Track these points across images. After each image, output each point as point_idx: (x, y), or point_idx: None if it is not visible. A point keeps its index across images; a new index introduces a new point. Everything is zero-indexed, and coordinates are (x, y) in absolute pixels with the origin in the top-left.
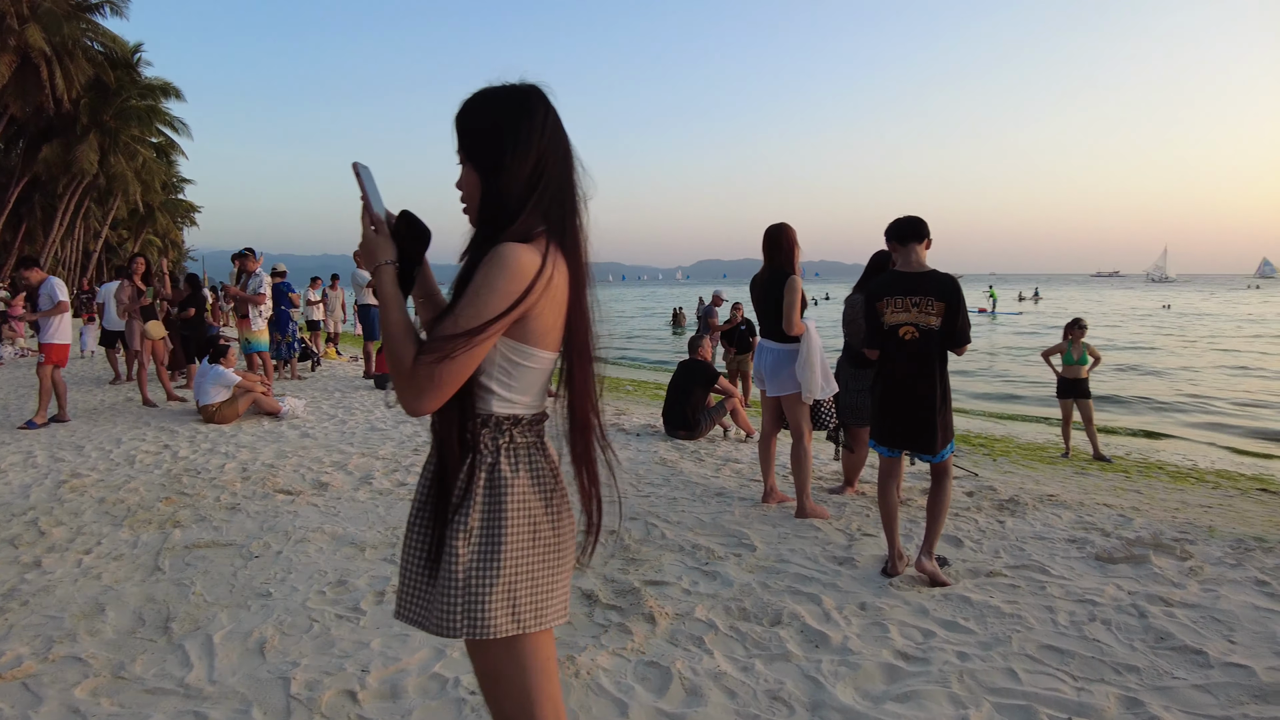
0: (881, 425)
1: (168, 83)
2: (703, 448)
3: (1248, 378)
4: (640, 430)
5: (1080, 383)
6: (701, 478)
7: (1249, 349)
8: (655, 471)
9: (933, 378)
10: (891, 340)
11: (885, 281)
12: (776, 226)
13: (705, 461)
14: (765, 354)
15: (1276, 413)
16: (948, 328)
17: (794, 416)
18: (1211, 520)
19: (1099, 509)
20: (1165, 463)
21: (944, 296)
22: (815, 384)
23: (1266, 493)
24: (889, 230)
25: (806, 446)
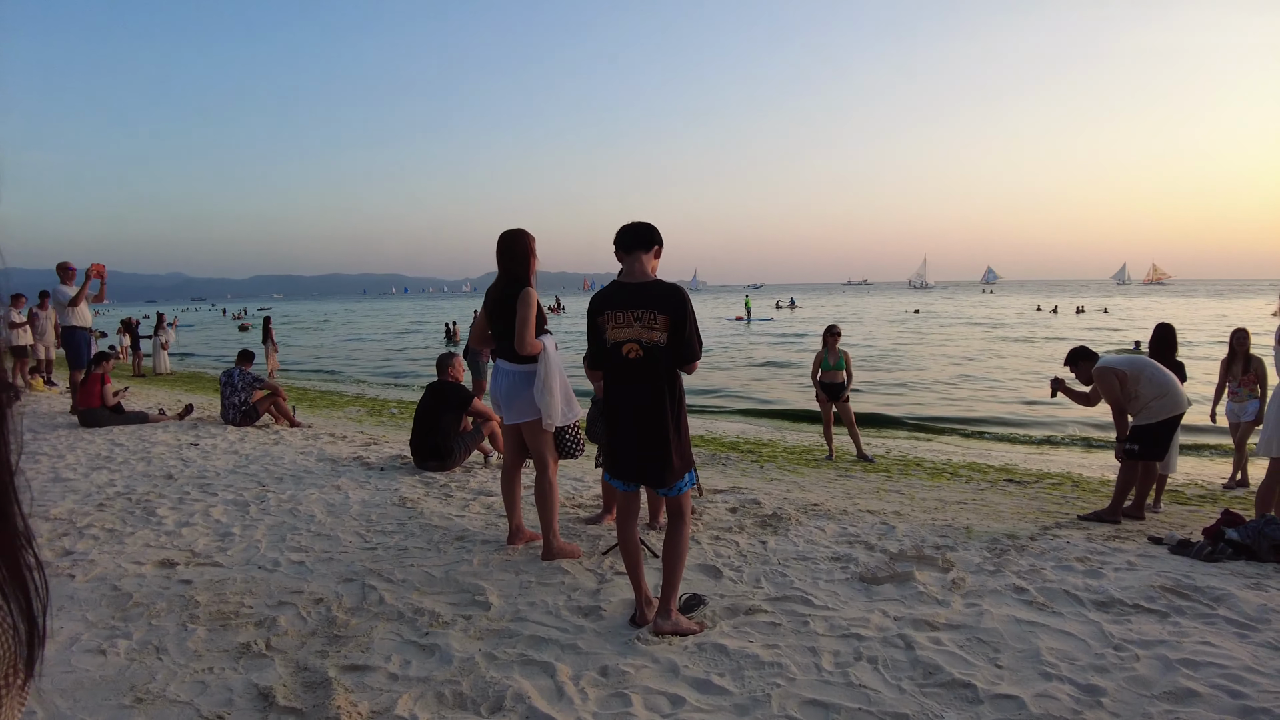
0: (611, 456)
1: None
2: (456, 480)
3: (969, 371)
4: (388, 464)
5: (838, 386)
6: (444, 519)
7: (975, 346)
8: (390, 516)
9: (663, 400)
10: (615, 359)
11: (605, 294)
12: (511, 232)
13: (454, 497)
14: (500, 376)
15: (994, 404)
16: (674, 343)
17: (535, 446)
18: (968, 518)
19: (862, 517)
20: (923, 459)
21: (668, 309)
22: (555, 409)
23: (1012, 483)
24: (615, 238)
25: (551, 479)
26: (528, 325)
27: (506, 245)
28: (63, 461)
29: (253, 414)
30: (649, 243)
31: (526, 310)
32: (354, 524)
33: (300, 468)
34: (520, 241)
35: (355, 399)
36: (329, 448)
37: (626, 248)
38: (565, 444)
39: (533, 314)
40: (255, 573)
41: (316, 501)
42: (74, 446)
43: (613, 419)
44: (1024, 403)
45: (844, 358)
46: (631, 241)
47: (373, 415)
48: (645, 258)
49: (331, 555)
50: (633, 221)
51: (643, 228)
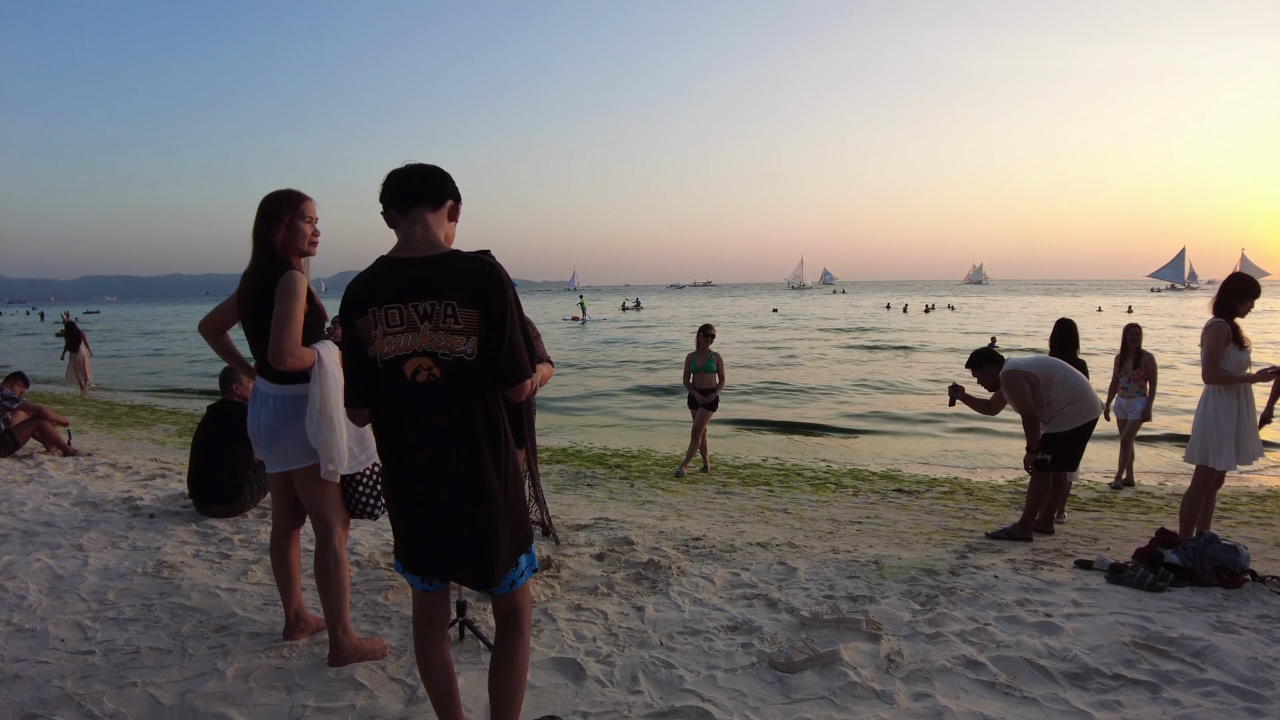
0: (401, 540)
1: None
2: (243, 530)
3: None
4: (163, 507)
5: (710, 392)
6: (207, 594)
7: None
8: (135, 592)
9: (479, 448)
10: (391, 386)
11: (366, 280)
12: (267, 198)
13: (231, 558)
14: (257, 403)
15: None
16: (490, 351)
17: (313, 504)
18: (870, 545)
19: (754, 554)
20: (802, 467)
21: (477, 297)
22: (338, 449)
23: (902, 493)
24: (382, 192)
25: (338, 550)
26: (289, 325)
27: (256, 215)
28: None
29: (9, 441)
30: (437, 194)
31: (288, 304)
32: (79, 608)
33: (43, 517)
34: (271, 206)
35: (170, 414)
36: (97, 485)
37: (400, 203)
38: (358, 499)
39: (298, 308)
40: None
41: (39, 572)
42: None
43: (397, 486)
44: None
45: (714, 359)
46: (406, 192)
47: (183, 435)
48: (432, 219)
49: (21, 669)
50: (407, 164)
51: (424, 171)
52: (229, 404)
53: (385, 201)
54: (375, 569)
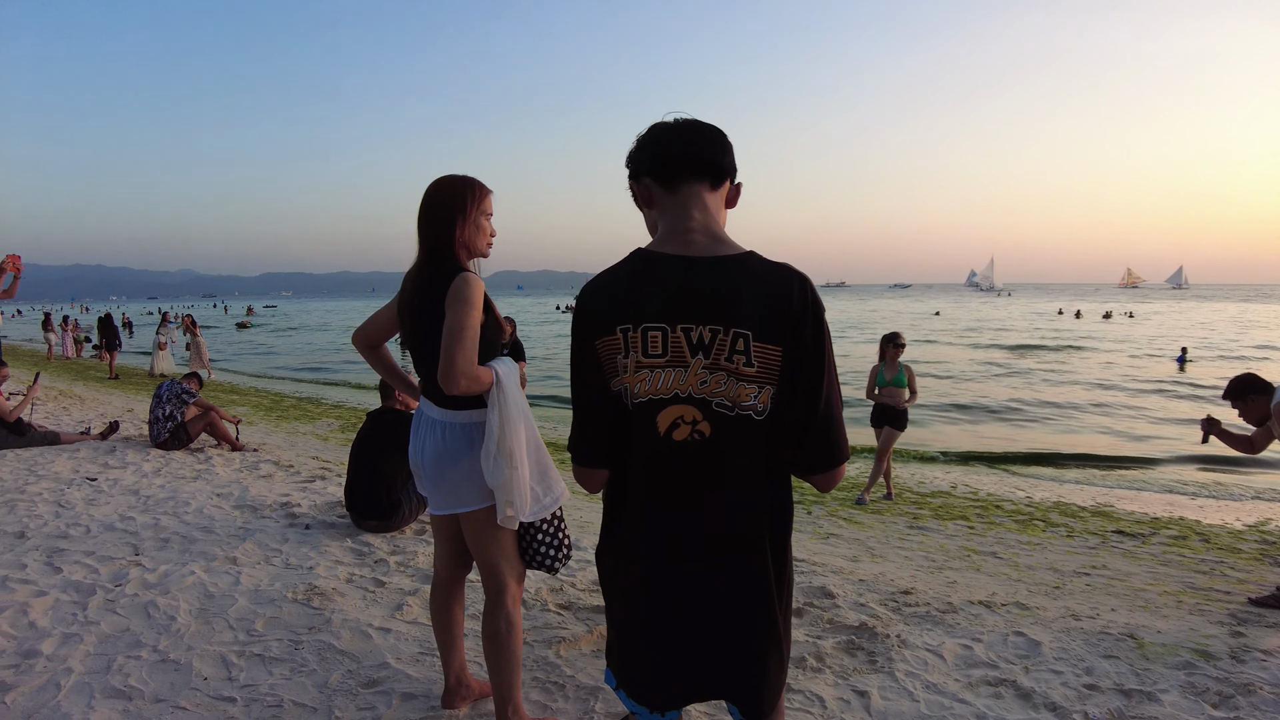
0: (627, 655)
1: None
2: (399, 550)
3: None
4: (319, 516)
5: (898, 411)
6: (359, 634)
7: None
8: (284, 623)
9: (760, 548)
10: (646, 446)
11: (616, 283)
12: (442, 183)
13: (386, 586)
14: (423, 431)
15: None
16: (789, 406)
17: (485, 554)
18: (1115, 612)
19: (980, 618)
20: (999, 498)
21: (781, 323)
22: (520, 490)
23: (1124, 535)
24: (641, 150)
25: (511, 614)
26: (462, 340)
27: (425, 200)
28: None
29: (183, 434)
30: (720, 167)
31: (462, 313)
32: (226, 637)
33: (203, 520)
34: (446, 194)
35: (334, 409)
36: (258, 486)
37: (670, 171)
38: (536, 548)
39: (474, 319)
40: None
41: (192, 588)
42: None
43: (636, 584)
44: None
45: (905, 371)
46: (683, 156)
47: (344, 431)
48: (711, 201)
49: (157, 713)
50: (678, 118)
51: (707, 131)
52: (390, 412)
53: (644, 166)
54: (543, 610)
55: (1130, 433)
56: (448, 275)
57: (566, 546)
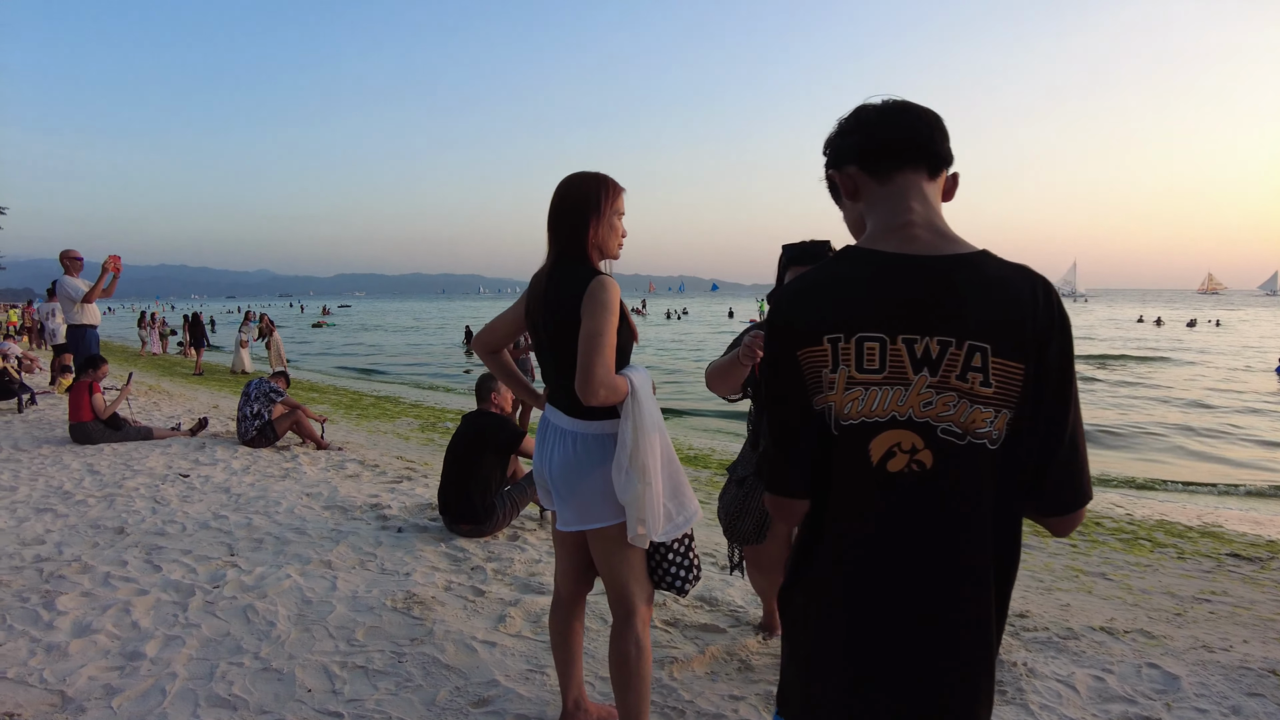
0: (836, 711)
1: None
2: (495, 556)
3: None
4: (410, 518)
5: None
6: (463, 646)
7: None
8: (384, 633)
9: (981, 590)
10: (859, 479)
11: (826, 286)
12: (568, 180)
13: (485, 596)
14: (551, 440)
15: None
16: (1034, 437)
17: (614, 574)
18: (1248, 644)
19: (1104, 645)
20: (1097, 515)
21: (1025, 338)
22: (653, 508)
23: (1239, 559)
24: (846, 132)
25: (641, 637)
26: (601, 348)
27: (557, 198)
28: (11, 497)
29: (270, 432)
30: (939, 155)
31: (600, 319)
32: (326, 646)
33: (295, 521)
34: (579, 192)
35: (413, 407)
36: (346, 486)
37: (886, 157)
38: (666, 569)
39: (612, 326)
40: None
41: (290, 591)
42: (42, 472)
43: (837, 633)
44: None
45: None
46: (900, 140)
47: (424, 430)
48: (930, 188)
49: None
50: (888, 99)
51: (925, 115)
52: (485, 415)
53: (848, 153)
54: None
55: (1229, 458)
56: (582, 278)
57: (697, 567)
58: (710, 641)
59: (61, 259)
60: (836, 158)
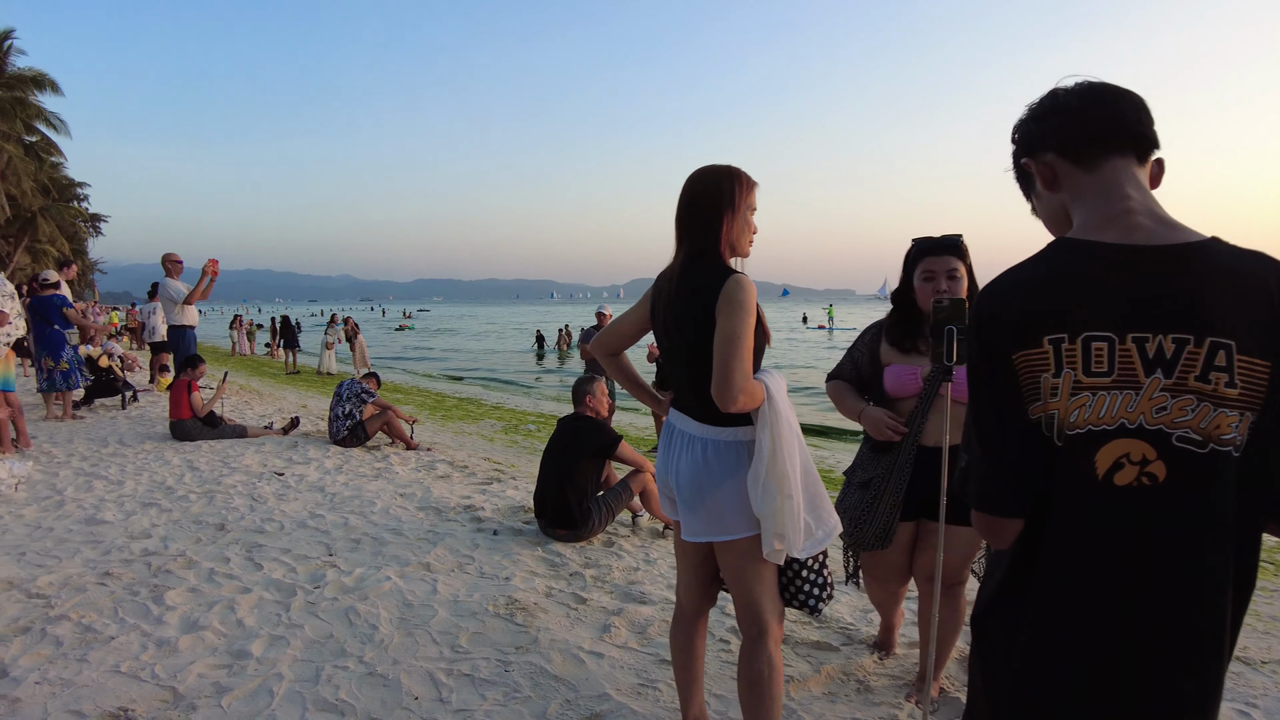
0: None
1: (40, 73)
2: (595, 560)
3: None
4: (505, 520)
5: None
6: (570, 656)
7: None
8: (488, 639)
9: (1218, 617)
10: (1069, 485)
11: (1043, 281)
12: (700, 173)
13: (587, 603)
14: (677, 446)
15: None
16: (1273, 435)
17: (746, 590)
18: None
19: (1244, 677)
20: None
21: (1271, 333)
22: (792, 522)
23: None
24: (1039, 126)
25: (773, 655)
26: (739, 351)
27: (688, 193)
28: (118, 491)
29: (361, 433)
30: (1147, 139)
31: (738, 320)
32: (431, 652)
33: (391, 521)
34: (713, 186)
35: (494, 409)
36: (439, 487)
37: (1093, 142)
38: (799, 586)
39: (750, 328)
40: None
41: (390, 594)
42: (146, 467)
43: (1051, 672)
44: None
45: None
46: (1109, 123)
47: (507, 432)
48: (1140, 173)
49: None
50: (1085, 80)
51: (1128, 96)
52: (580, 418)
53: (1046, 140)
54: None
55: None
56: (717, 278)
57: (831, 585)
58: (824, 660)
59: (163, 262)
60: (1031, 145)
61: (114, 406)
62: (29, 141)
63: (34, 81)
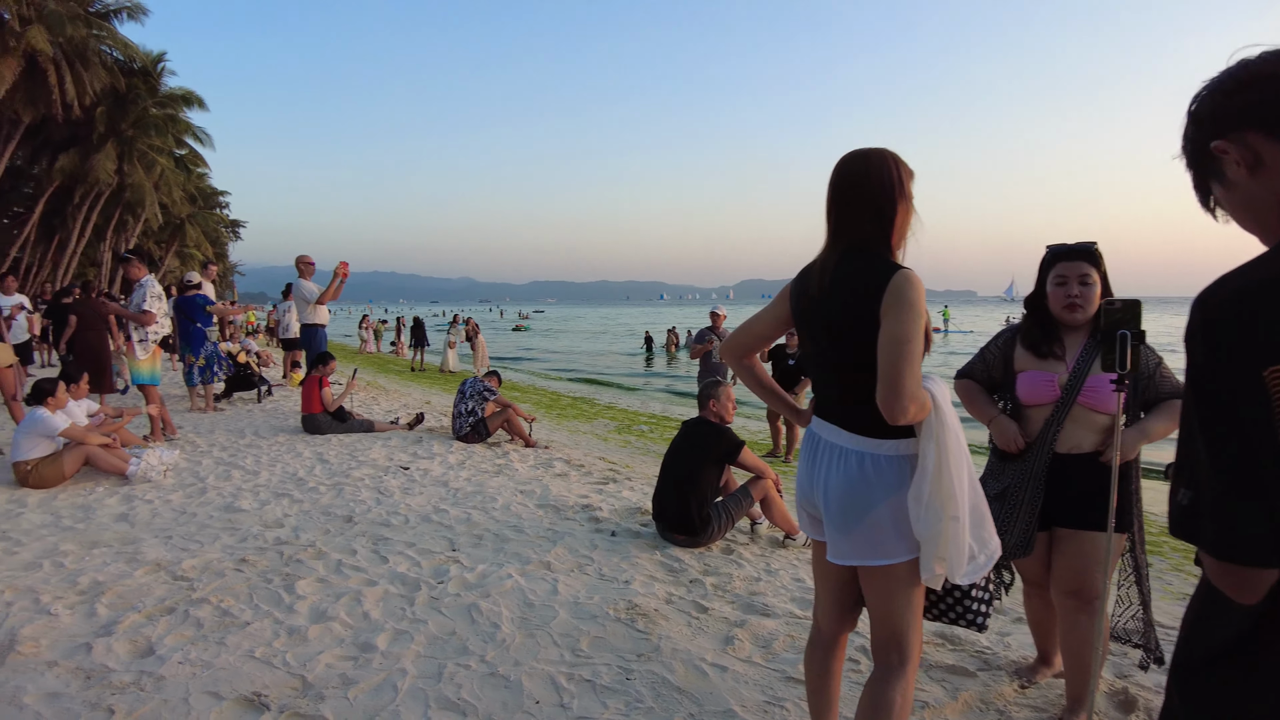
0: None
1: (189, 91)
2: (715, 568)
3: None
4: (622, 521)
5: None
6: (692, 665)
7: None
8: (609, 645)
9: None
10: None
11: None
12: (857, 155)
13: (709, 612)
14: (826, 458)
15: None
16: None
17: (890, 617)
18: None
19: None
20: None
21: None
22: (956, 546)
23: None
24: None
25: (908, 688)
26: (911, 356)
27: (850, 177)
28: (254, 480)
29: (482, 429)
30: None
31: (908, 320)
32: (552, 655)
33: (511, 518)
34: (876, 169)
35: (607, 409)
36: (557, 485)
37: None
38: (968, 606)
39: (921, 331)
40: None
41: (512, 592)
42: (279, 459)
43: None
44: None
45: None
46: None
47: (620, 432)
48: None
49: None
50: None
51: None
52: (704, 423)
53: (1247, 116)
54: None
55: None
56: (880, 273)
57: (990, 607)
58: (960, 686)
59: (297, 263)
60: (1224, 123)
61: (250, 400)
62: (179, 155)
63: (184, 99)
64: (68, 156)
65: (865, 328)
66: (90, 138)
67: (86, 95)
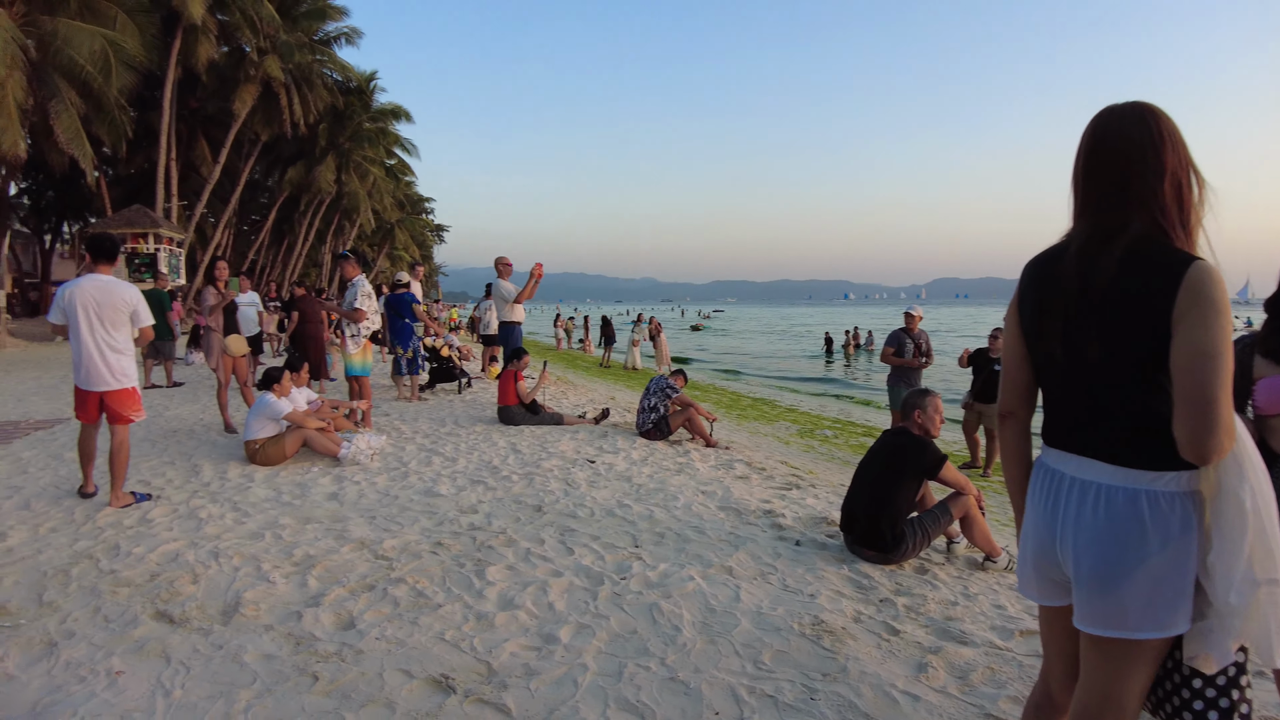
0: None
1: (397, 105)
2: (907, 588)
3: None
4: (807, 530)
5: None
6: (882, 692)
7: None
8: (792, 661)
9: None
10: None
11: None
12: (1141, 114)
13: (901, 635)
14: (1075, 499)
15: None
16: None
17: (1114, 695)
18: None
19: None
20: None
21: None
22: (1261, 624)
23: None
24: None
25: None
26: (1223, 372)
27: (1120, 144)
28: (452, 467)
29: (664, 427)
30: None
31: (1217, 328)
32: (733, 664)
33: (693, 518)
34: (1157, 131)
35: (788, 411)
36: (738, 487)
37: None
38: (1236, 708)
39: (1230, 341)
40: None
41: (693, 595)
42: (476, 447)
43: None
44: None
45: None
46: None
47: (803, 436)
48: None
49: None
50: None
51: None
52: (905, 434)
53: None
54: None
55: None
56: (1168, 265)
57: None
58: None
59: (496, 264)
60: None
61: (451, 391)
62: (389, 164)
63: (393, 113)
64: (295, 169)
65: (1147, 335)
66: (314, 151)
67: (311, 114)
